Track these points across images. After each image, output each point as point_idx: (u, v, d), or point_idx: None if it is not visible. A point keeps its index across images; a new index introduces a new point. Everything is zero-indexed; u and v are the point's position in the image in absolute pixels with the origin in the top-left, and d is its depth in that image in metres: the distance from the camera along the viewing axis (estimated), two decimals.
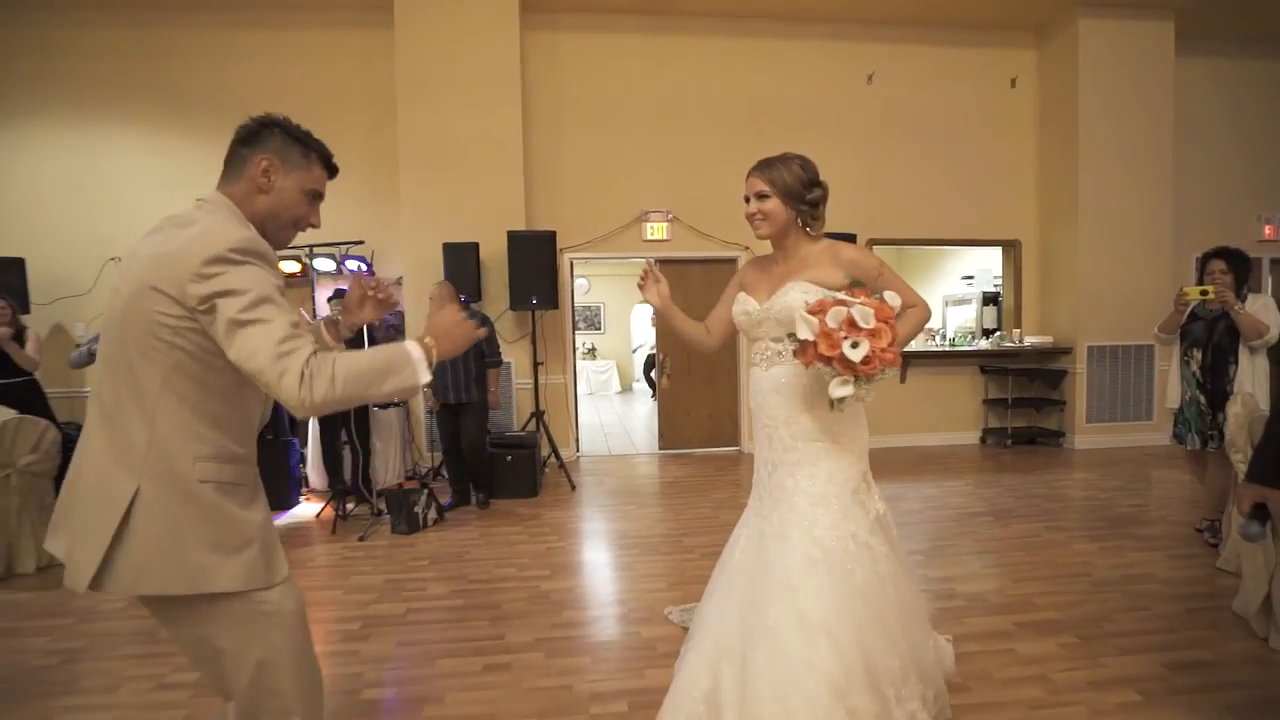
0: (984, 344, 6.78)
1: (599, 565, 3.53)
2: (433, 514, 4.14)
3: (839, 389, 1.51)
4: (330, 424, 4.65)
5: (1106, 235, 6.13)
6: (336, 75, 5.83)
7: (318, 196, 1.32)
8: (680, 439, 6.38)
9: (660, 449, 6.37)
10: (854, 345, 1.48)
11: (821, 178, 1.85)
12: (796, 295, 1.73)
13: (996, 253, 7.08)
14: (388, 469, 5.07)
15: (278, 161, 1.25)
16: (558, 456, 5.29)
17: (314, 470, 5.06)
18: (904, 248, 7.89)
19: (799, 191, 1.80)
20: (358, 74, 5.84)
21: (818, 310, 1.52)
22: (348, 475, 4.67)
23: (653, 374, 11.03)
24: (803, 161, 1.83)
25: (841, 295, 1.57)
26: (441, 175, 5.52)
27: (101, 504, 1.10)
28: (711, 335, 2.10)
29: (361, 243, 5.22)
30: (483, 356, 4.48)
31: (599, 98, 5.99)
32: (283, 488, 4.67)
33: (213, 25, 5.67)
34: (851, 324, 1.49)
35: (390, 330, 5.40)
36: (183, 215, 1.18)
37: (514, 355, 5.65)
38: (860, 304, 1.51)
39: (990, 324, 7.24)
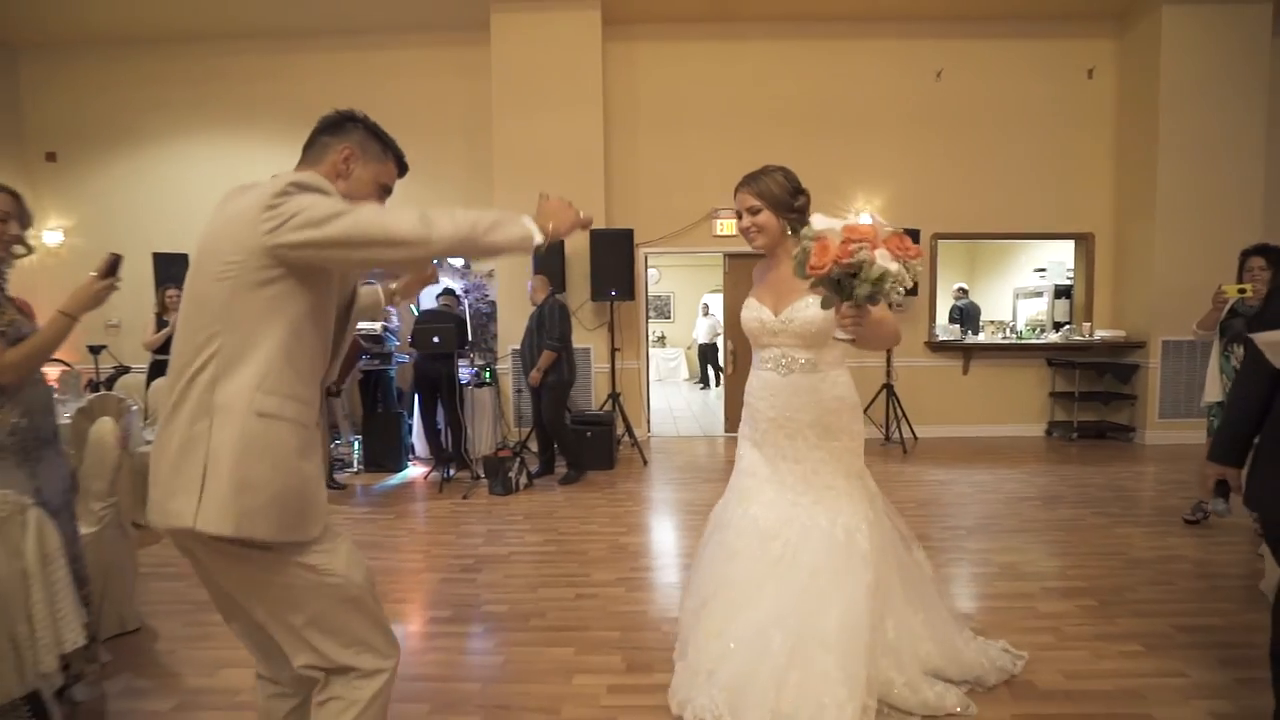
0: (1053, 337, 6.80)
1: (668, 526, 4.03)
2: (524, 479, 4.75)
3: (883, 265, 1.38)
4: (431, 400, 5.33)
5: (1186, 228, 6.04)
6: (438, 90, 6.51)
7: (387, 190, 1.40)
8: None
9: (726, 432, 6.79)
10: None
11: (803, 185, 1.95)
12: (816, 309, 1.80)
13: (1069, 245, 7.05)
14: (481, 440, 5.74)
15: (358, 152, 1.33)
16: (631, 435, 5.81)
17: (418, 439, 5.80)
18: (975, 242, 7.95)
19: (787, 201, 1.91)
20: (457, 88, 6.50)
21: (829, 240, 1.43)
22: (449, 445, 5.36)
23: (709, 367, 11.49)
24: (785, 172, 1.93)
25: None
26: (530, 178, 6.09)
27: (186, 456, 1.13)
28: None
29: None
30: (548, 337, 4.95)
31: (672, 102, 6.42)
32: (395, 453, 5.42)
33: (334, 49, 6.46)
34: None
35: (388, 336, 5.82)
36: (256, 183, 1.24)
37: (592, 342, 6.19)
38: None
39: (1062, 317, 7.22)
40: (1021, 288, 8.43)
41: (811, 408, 1.91)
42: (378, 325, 5.58)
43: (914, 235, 6.07)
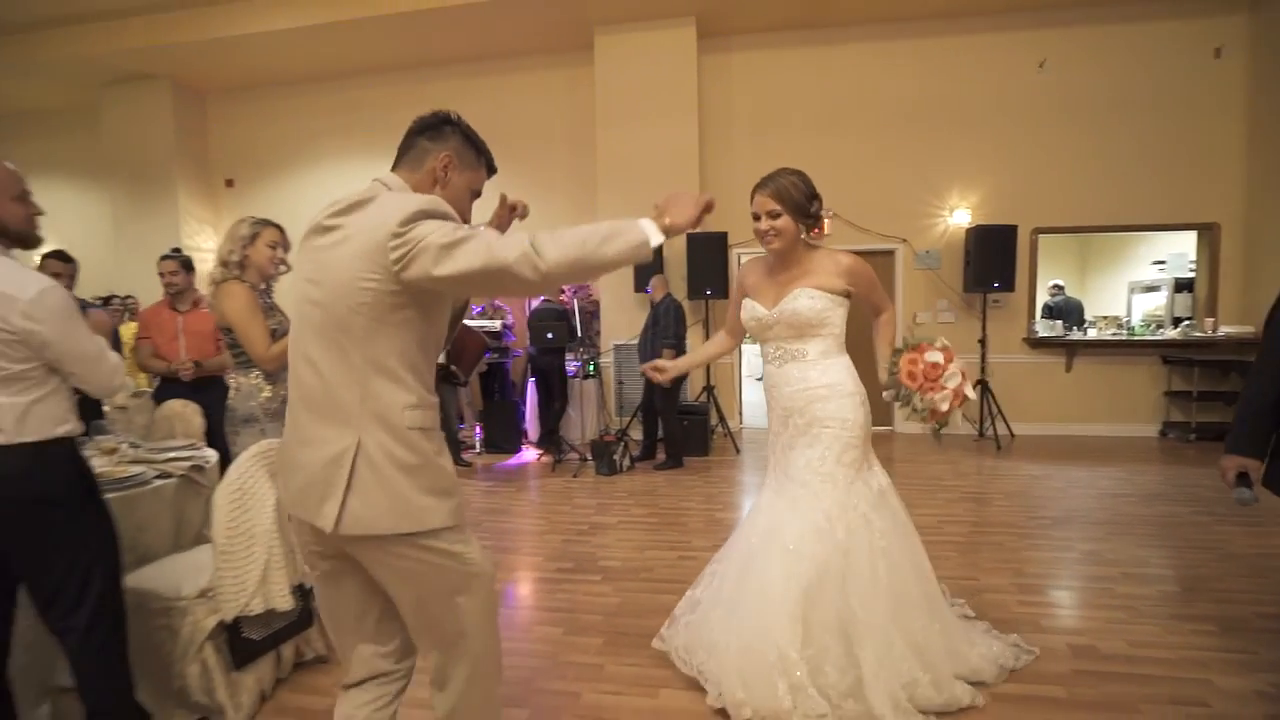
0: (1171, 333, 6.49)
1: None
2: (626, 462, 5.26)
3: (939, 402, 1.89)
4: (546, 389, 5.94)
5: None
6: (545, 108, 7.14)
7: (477, 195, 1.43)
8: None
9: None
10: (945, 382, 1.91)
11: (816, 190, 2.03)
12: (804, 301, 1.97)
13: (1190, 237, 6.69)
14: (586, 426, 6.32)
15: (457, 160, 1.35)
16: (725, 425, 6.19)
17: (531, 425, 6.45)
18: (1084, 236, 7.65)
19: (804, 205, 1.97)
20: (562, 106, 7.10)
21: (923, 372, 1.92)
22: (558, 430, 5.96)
23: None
24: (801, 175, 1.99)
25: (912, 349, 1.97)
26: (630, 186, 6.59)
27: (329, 462, 1.19)
28: (733, 338, 2.33)
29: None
30: (664, 337, 5.43)
31: (766, 109, 6.71)
32: (513, 436, 6.09)
33: (457, 76, 7.24)
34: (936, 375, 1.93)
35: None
36: (364, 193, 1.27)
37: (691, 338, 6.60)
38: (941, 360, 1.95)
39: (1183, 312, 6.85)
40: (1137, 281, 8.00)
41: (802, 395, 2.01)
42: (497, 323, 6.28)
43: (1011, 231, 6.04)
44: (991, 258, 6.04)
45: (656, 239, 1.20)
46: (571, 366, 6.28)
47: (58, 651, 1.66)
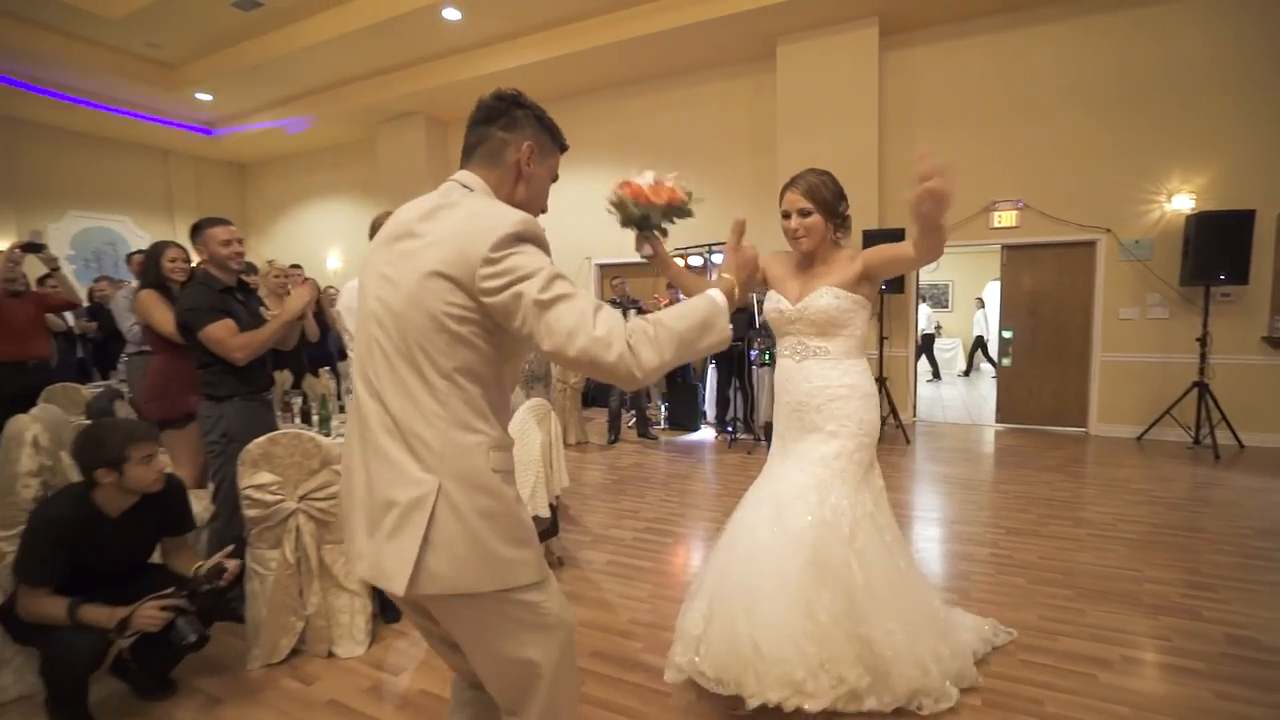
0: None
1: (925, 489, 4.62)
2: None
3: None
4: (726, 372, 6.55)
5: None
6: (729, 116, 7.71)
7: (555, 179, 1.32)
8: (1020, 414, 6.73)
9: (997, 422, 6.83)
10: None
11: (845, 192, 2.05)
12: (829, 299, 1.97)
13: None
14: (760, 410, 6.83)
15: (537, 148, 1.23)
16: (895, 415, 6.34)
17: (710, 406, 7.13)
18: None
19: (834, 204, 1.98)
20: (743, 113, 7.62)
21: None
22: (735, 412, 6.56)
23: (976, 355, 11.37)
24: (830, 175, 2.01)
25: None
26: None
27: (404, 508, 1.07)
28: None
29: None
30: None
31: (949, 100, 6.64)
32: (693, 416, 6.82)
33: (649, 92, 8.07)
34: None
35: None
36: (443, 197, 1.16)
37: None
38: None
39: None
40: None
41: (821, 393, 2.00)
42: None
43: (1246, 217, 5.41)
44: (1219, 246, 5.47)
45: (729, 330, 1.20)
46: (750, 354, 6.83)
47: None
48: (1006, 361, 6.82)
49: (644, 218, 1.78)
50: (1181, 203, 5.87)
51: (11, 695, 2.12)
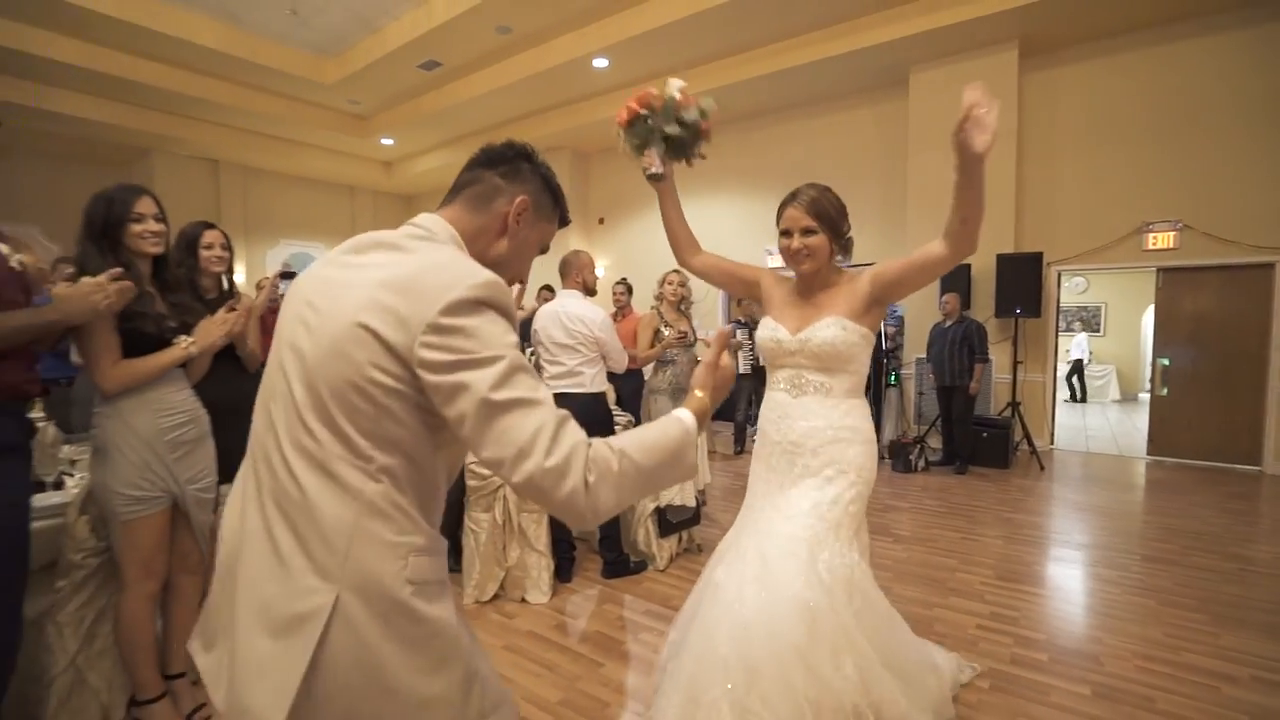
0: None
1: (1053, 512, 4.59)
2: (921, 463, 5.80)
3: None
4: None
5: None
6: (856, 141, 7.90)
7: (544, 251, 1.18)
8: (1176, 447, 6.31)
9: (1148, 454, 6.44)
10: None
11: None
12: (834, 331, 1.79)
13: None
14: (885, 430, 6.92)
15: (532, 206, 1.08)
16: (1030, 443, 6.20)
17: None
18: None
19: (839, 223, 1.84)
20: (873, 138, 7.78)
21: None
22: None
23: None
24: (833, 191, 1.87)
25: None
26: (942, 210, 6.95)
27: (286, 618, 0.83)
28: (698, 258, 2.09)
29: (872, 264, 7.16)
30: (973, 353, 5.79)
31: (1095, 119, 6.44)
32: None
33: (782, 121, 8.46)
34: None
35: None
36: (391, 238, 0.97)
37: (995, 354, 6.73)
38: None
39: None
40: None
41: (819, 433, 1.80)
42: None
43: None
44: None
45: (695, 462, 1.02)
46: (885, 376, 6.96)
47: None
48: (1163, 390, 6.43)
49: (676, 136, 1.87)
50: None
51: None
